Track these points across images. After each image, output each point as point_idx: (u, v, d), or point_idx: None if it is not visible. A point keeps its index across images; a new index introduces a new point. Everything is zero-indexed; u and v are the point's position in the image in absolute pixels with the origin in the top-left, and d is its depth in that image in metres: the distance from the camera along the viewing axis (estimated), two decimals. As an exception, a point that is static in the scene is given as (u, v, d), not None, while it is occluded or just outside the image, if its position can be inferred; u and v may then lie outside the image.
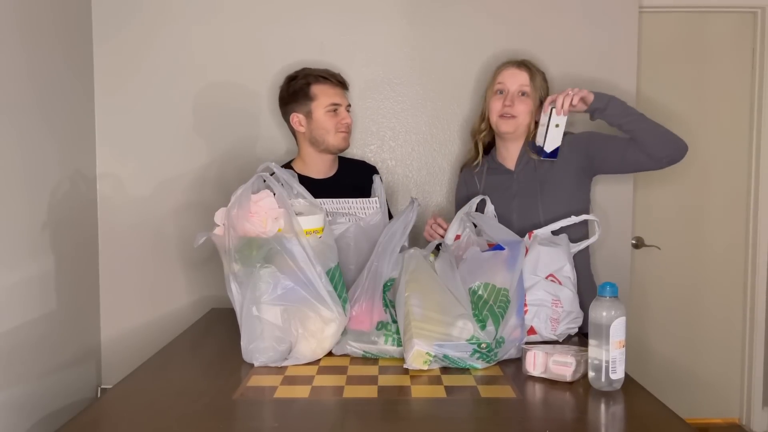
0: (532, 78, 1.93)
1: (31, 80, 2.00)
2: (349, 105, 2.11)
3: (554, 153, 1.82)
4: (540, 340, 1.59)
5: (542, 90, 1.96)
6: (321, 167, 2.09)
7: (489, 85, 2.02)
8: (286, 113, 2.09)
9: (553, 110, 1.77)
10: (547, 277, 1.62)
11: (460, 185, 2.15)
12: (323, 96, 2.02)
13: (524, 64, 1.96)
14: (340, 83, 2.08)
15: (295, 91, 2.04)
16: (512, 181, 1.96)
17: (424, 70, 2.46)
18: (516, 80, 1.92)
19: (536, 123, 1.95)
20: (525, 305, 1.59)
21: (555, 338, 1.60)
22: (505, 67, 1.97)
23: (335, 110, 2.03)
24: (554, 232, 1.77)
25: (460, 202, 2.09)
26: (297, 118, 2.05)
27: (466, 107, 2.47)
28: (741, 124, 2.74)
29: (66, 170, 2.22)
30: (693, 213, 2.74)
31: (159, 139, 2.44)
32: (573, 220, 1.77)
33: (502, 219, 1.89)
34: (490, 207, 1.86)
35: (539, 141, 1.83)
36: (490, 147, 2.08)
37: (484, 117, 2.03)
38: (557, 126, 1.79)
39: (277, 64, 2.41)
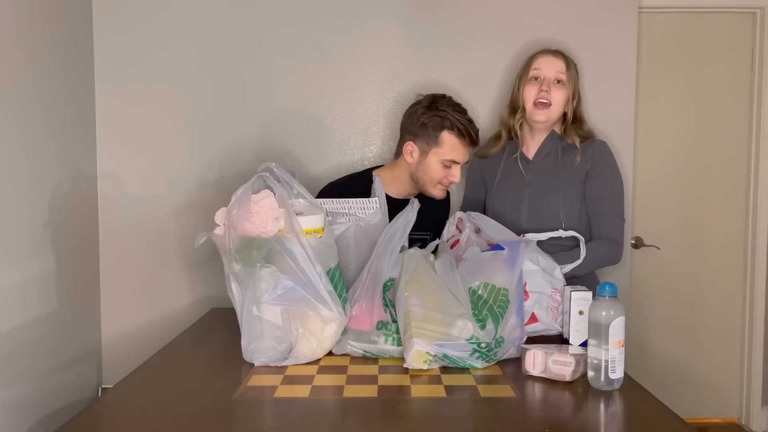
0: (568, 67, 1.92)
1: (32, 80, 2.00)
2: (467, 162, 1.99)
3: (585, 344, 1.42)
4: (542, 328, 1.62)
5: (575, 81, 1.94)
6: (404, 191, 2.01)
7: (522, 73, 1.97)
8: (405, 132, 1.97)
9: (573, 294, 1.53)
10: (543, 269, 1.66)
11: (476, 173, 2.12)
12: (449, 149, 1.89)
13: (560, 53, 1.95)
14: (473, 142, 1.94)
15: (426, 124, 1.90)
16: (528, 171, 1.97)
17: (424, 70, 2.47)
18: (553, 67, 1.91)
19: (564, 115, 1.93)
20: (526, 293, 1.61)
21: (557, 327, 1.62)
22: (542, 54, 1.95)
23: (450, 166, 1.92)
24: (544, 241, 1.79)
25: (472, 201, 2.12)
26: (411, 148, 1.93)
27: (467, 107, 2.46)
28: (741, 124, 2.74)
29: (67, 170, 2.22)
30: (693, 213, 2.75)
31: (160, 139, 2.44)
32: (560, 233, 1.78)
33: (513, 207, 1.92)
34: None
35: (566, 333, 1.58)
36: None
37: (515, 107, 1.97)
38: (581, 313, 1.51)
39: (277, 65, 2.42)
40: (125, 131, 2.43)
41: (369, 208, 1.77)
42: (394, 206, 1.85)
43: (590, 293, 1.52)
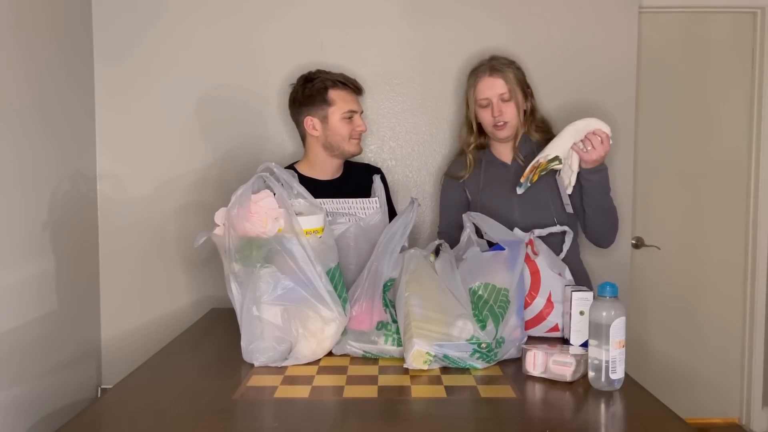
0: (507, 80, 1.93)
1: (31, 80, 2.00)
2: (362, 111, 2.09)
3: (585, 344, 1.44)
4: (561, 335, 1.64)
5: (521, 83, 1.96)
6: (328, 169, 2.08)
7: (469, 98, 2.00)
8: (298, 114, 2.06)
9: (574, 294, 1.54)
10: (558, 274, 1.68)
11: (451, 192, 2.11)
12: (341, 102, 2.00)
13: (496, 69, 1.95)
14: (357, 89, 2.07)
15: (312, 94, 2.00)
16: (510, 174, 1.99)
17: (424, 70, 2.46)
18: (494, 90, 1.93)
19: (525, 112, 1.97)
20: (551, 303, 1.62)
21: None
22: (480, 79, 1.96)
23: (351, 117, 2.02)
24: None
25: (452, 208, 2.08)
26: (311, 122, 2.02)
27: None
28: (741, 124, 2.74)
29: (66, 170, 2.22)
30: (693, 213, 2.75)
31: (159, 139, 2.44)
32: (557, 229, 1.79)
33: (505, 211, 1.93)
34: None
35: (566, 334, 1.58)
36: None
37: (472, 129, 2.03)
38: (582, 313, 1.53)
39: (277, 65, 2.42)
40: (125, 131, 2.43)
41: (369, 208, 1.77)
42: (328, 188, 2.00)
43: (591, 293, 1.52)
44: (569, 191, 1.84)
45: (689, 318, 2.77)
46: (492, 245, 1.66)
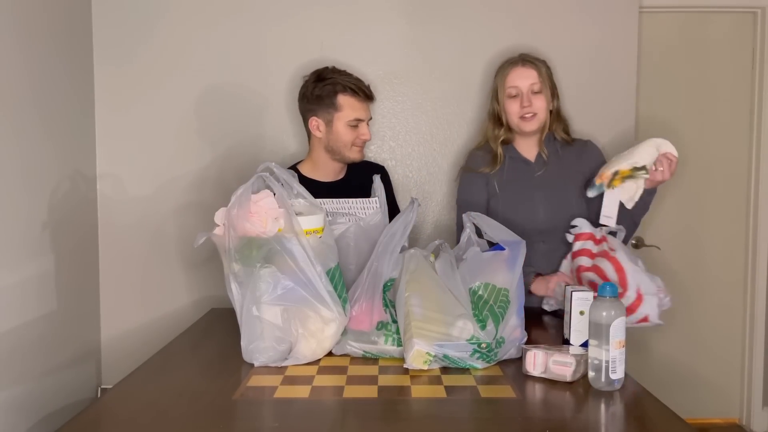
0: (540, 73, 1.94)
1: (31, 80, 2.00)
2: (371, 118, 2.07)
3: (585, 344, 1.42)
4: (650, 326, 1.69)
5: (551, 79, 1.99)
6: (330, 171, 2.07)
7: (499, 89, 2.00)
8: (305, 111, 2.04)
9: (574, 294, 1.53)
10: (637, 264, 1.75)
11: (473, 186, 2.05)
12: (348, 109, 1.97)
13: (528, 61, 1.97)
14: (368, 97, 2.03)
15: (320, 95, 1.97)
16: (533, 172, 2.00)
17: (424, 70, 2.46)
18: (526, 80, 1.93)
19: (550, 113, 1.98)
20: (641, 296, 1.67)
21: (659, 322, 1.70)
22: (512, 69, 1.97)
23: (356, 125, 1.99)
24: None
25: (474, 203, 2.03)
26: (316, 123, 2.01)
27: (467, 107, 2.47)
28: (741, 124, 2.74)
29: (66, 170, 2.22)
30: (693, 213, 2.75)
31: (159, 139, 2.44)
32: (615, 228, 1.81)
33: (526, 209, 1.94)
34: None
35: (566, 334, 1.56)
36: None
37: (499, 122, 2.01)
38: (582, 313, 1.52)
39: (277, 65, 2.42)
40: (124, 131, 2.43)
41: (369, 208, 1.77)
42: (331, 190, 1.98)
43: (591, 293, 1.52)
44: (630, 206, 1.80)
45: (689, 318, 2.77)
46: (492, 245, 1.66)
